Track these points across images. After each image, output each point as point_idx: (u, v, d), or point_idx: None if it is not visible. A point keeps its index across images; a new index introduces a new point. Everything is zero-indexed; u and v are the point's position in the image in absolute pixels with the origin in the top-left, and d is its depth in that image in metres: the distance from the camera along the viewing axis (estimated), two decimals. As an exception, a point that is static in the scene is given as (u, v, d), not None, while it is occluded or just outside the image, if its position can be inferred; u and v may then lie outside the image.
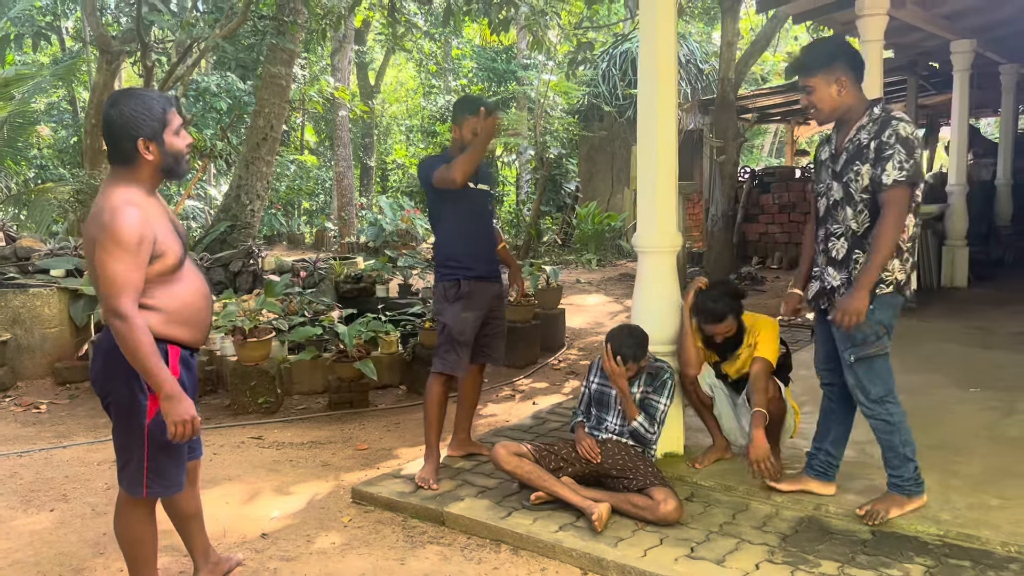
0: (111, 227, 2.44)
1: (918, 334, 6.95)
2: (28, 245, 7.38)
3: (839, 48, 3.27)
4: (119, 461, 2.71)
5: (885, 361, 3.26)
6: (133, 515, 2.77)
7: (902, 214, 3.05)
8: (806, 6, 7.43)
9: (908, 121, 3.10)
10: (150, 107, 2.60)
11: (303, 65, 20.48)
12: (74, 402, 5.87)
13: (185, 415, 2.50)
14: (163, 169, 2.64)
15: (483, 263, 4.14)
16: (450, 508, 3.65)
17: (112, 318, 2.44)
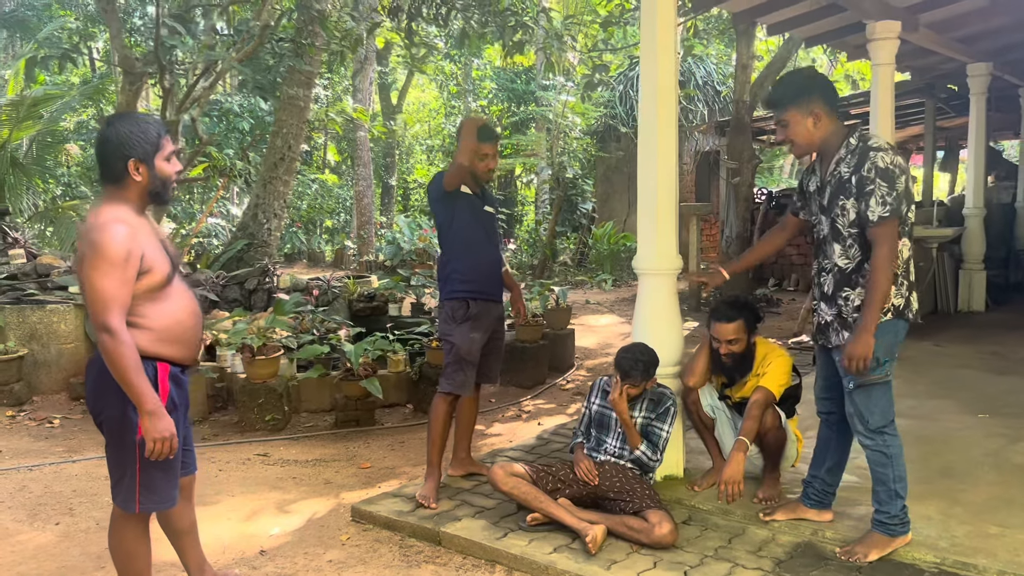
0: (99, 243, 2.49)
1: (931, 359, 6.90)
2: (48, 262, 7.50)
3: (811, 80, 3.25)
4: (112, 477, 2.75)
5: (886, 390, 3.21)
6: (126, 530, 2.81)
7: (893, 248, 3.02)
8: (817, 30, 7.44)
9: (886, 149, 3.05)
10: (145, 130, 2.66)
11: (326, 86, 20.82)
12: (86, 417, 5.92)
13: (164, 432, 2.53)
14: (150, 192, 2.68)
15: (489, 283, 4.18)
16: (446, 528, 3.67)
17: (100, 332, 2.49)
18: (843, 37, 7.53)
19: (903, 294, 3.14)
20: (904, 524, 3.28)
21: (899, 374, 6.03)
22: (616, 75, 16.08)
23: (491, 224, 4.25)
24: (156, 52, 6.68)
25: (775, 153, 22.18)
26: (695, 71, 14.98)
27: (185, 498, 3.00)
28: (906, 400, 5.43)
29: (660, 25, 3.94)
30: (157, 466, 2.66)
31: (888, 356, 3.16)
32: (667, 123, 3.98)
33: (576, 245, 16.16)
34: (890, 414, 3.23)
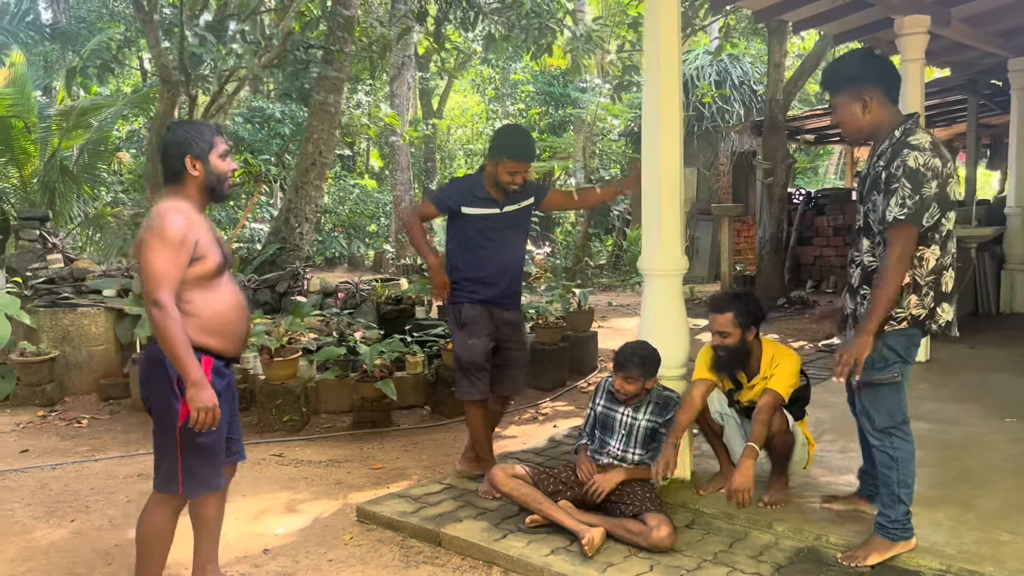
0: (157, 226, 2.72)
1: (963, 361, 6.72)
2: (83, 267, 7.70)
3: (865, 64, 3.07)
4: (156, 460, 2.92)
5: (894, 391, 3.09)
6: (160, 509, 2.95)
7: (904, 254, 2.87)
8: (845, 27, 7.30)
9: (924, 148, 2.87)
10: (200, 131, 2.94)
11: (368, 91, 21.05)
12: (114, 417, 6.09)
13: (207, 402, 2.68)
14: (207, 188, 2.91)
15: (491, 288, 4.10)
16: (446, 529, 3.68)
17: (150, 307, 2.67)
18: (873, 33, 7.35)
19: (926, 305, 2.98)
20: (906, 529, 3.19)
21: (926, 376, 5.99)
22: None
23: (500, 227, 4.11)
24: (180, 59, 6.81)
25: (818, 153, 21.81)
26: (731, 71, 14.82)
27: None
28: (930, 403, 5.31)
29: (663, 26, 3.91)
30: (198, 452, 2.83)
31: (897, 358, 3.04)
32: (670, 122, 3.94)
33: (612, 248, 16.07)
34: (898, 416, 3.12)
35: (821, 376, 6.53)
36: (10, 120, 12.52)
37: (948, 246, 3.01)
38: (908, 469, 3.12)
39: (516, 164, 3.93)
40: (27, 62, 14.69)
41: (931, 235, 2.94)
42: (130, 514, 4.17)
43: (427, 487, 4.26)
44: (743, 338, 3.68)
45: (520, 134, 4.10)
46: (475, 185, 4.07)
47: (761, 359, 3.74)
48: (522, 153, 3.95)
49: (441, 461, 4.98)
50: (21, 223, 8.60)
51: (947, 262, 3.01)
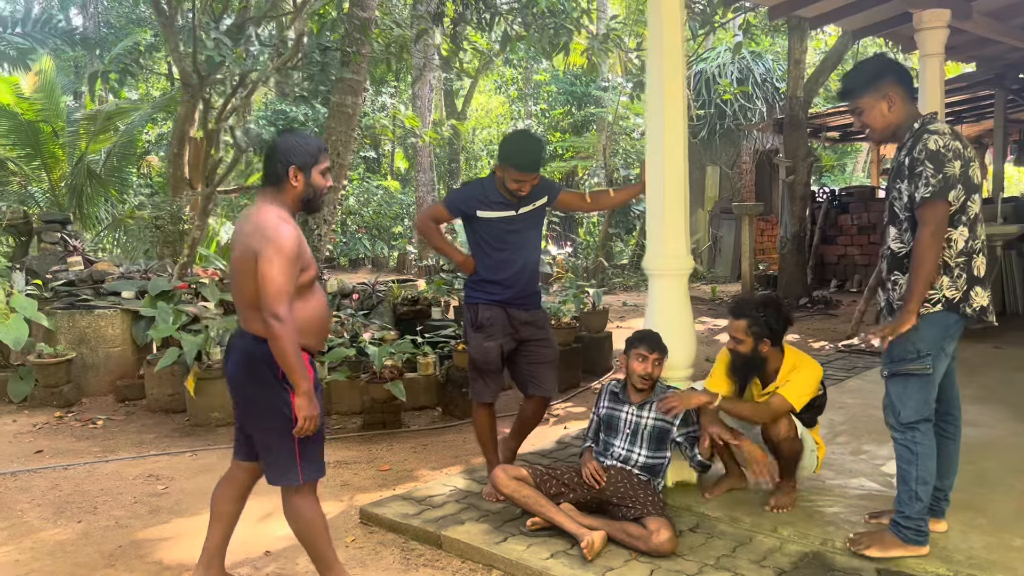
0: (276, 239, 2.79)
1: (988, 361, 6.59)
2: (103, 269, 7.78)
3: (884, 64, 3.18)
4: (266, 460, 3.01)
5: (923, 384, 3.05)
6: (299, 503, 3.04)
7: (937, 231, 2.92)
8: (863, 22, 7.17)
9: (943, 133, 2.96)
10: (307, 144, 3.01)
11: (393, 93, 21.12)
12: (129, 418, 6.14)
13: (314, 412, 2.86)
14: (303, 199, 3.00)
15: (508, 289, 4.04)
16: (447, 532, 3.65)
17: (270, 319, 2.75)
18: (892, 28, 7.21)
19: (959, 287, 3.00)
20: (920, 534, 3.12)
21: (948, 377, 5.84)
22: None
23: (517, 229, 4.05)
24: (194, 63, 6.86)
25: (845, 150, 21.54)
26: (754, 68, 14.67)
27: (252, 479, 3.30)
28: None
29: (666, 22, 3.86)
30: (312, 443, 2.96)
31: (931, 349, 3.02)
32: (673, 119, 3.89)
33: (633, 248, 15.98)
34: (925, 411, 3.07)
35: (838, 376, 6.44)
36: (39, 125, 12.75)
37: (976, 229, 3.04)
38: (928, 466, 3.07)
39: (520, 174, 3.88)
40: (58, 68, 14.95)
41: (958, 217, 2.98)
42: (137, 515, 4.20)
43: (432, 488, 4.24)
44: (755, 348, 3.60)
45: (526, 143, 3.98)
46: (488, 188, 4.02)
47: (780, 368, 3.65)
48: (525, 164, 3.88)
49: (450, 462, 4.96)
50: (43, 226, 8.71)
51: (976, 246, 3.05)
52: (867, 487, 3.91)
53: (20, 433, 5.76)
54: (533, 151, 3.94)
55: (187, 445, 5.40)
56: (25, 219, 8.60)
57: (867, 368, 6.73)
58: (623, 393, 3.86)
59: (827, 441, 4.65)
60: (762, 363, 3.66)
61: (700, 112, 14.66)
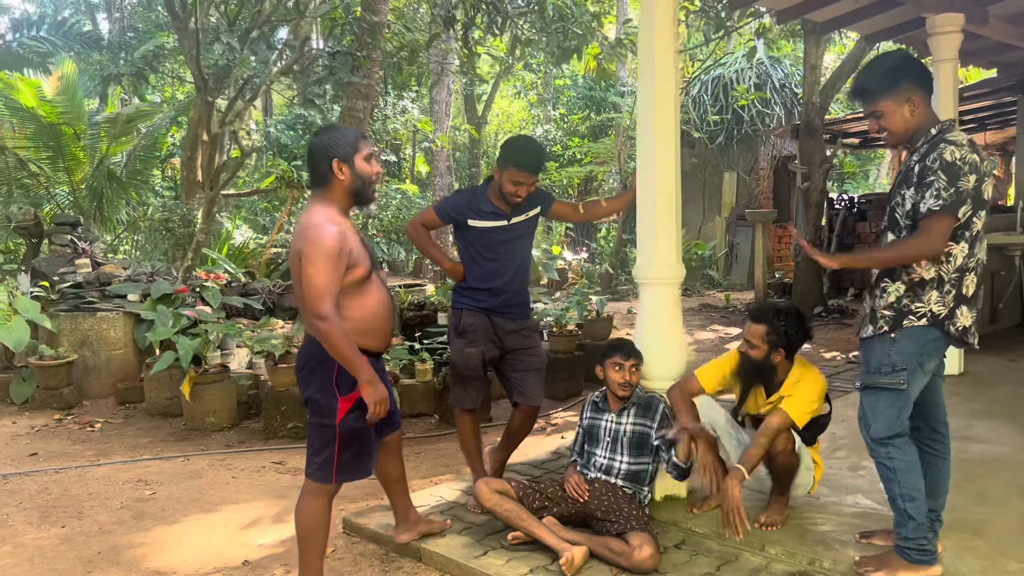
0: (315, 240, 2.79)
1: (1000, 375, 6.40)
2: (110, 271, 7.81)
3: (904, 63, 2.96)
4: (310, 451, 3.06)
5: (896, 399, 2.91)
6: (313, 504, 3.07)
7: (931, 241, 2.78)
8: (877, 27, 7.04)
9: (961, 144, 2.79)
10: (344, 134, 3.01)
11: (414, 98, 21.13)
12: (127, 421, 6.14)
13: (381, 396, 2.87)
14: (353, 191, 2.98)
15: (496, 297, 3.98)
16: (427, 544, 3.58)
17: (315, 319, 2.77)
18: (906, 33, 7.07)
19: (947, 303, 2.86)
20: (925, 553, 2.98)
21: (957, 390, 5.72)
22: (691, 78, 15.74)
23: (517, 238, 4.01)
24: (197, 66, 6.86)
25: (868, 156, 21.25)
26: (772, 73, 14.50)
27: (395, 451, 3.48)
28: (956, 419, 4.98)
29: (658, 26, 3.77)
30: (352, 446, 2.99)
31: (907, 364, 2.88)
32: (664, 125, 3.80)
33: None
34: (897, 427, 2.94)
35: (845, 388, 6.30)
36: (61, 127, 12.88)
37: (975, 248, 2.89)
38: (910, 480, 2.94)
39: (521, 174, 3.80)
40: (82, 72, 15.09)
41: (961, 232, 2.83)
42: (121, 520, 4.17)
43: (418, 499, 4.14)
44: (768, 355, 3.49)
45: (529, 144, 3.97)
46: (480, 198, 3.95)
47: (786, 380, 3.54)
48: (528, 163, 3.81)
49: (441, 471, 4.90)
50: (54, 228, 8.76)
51: (972, 264, 2.90)
52: (862, 505, 3.79)
53: (18, 435, 5.77)
54: (535, 152, 3.92)
55: (180, 449, 5.38)
56: (36, 221, 8.65)
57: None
58: (603, 403, 3.78)
59: (826, 455, 4.53)
60: (771, 372, 3.55)
61: (715, 118, 14.51)
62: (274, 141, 18.10)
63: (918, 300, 2.86)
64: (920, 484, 2.96)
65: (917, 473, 2.96)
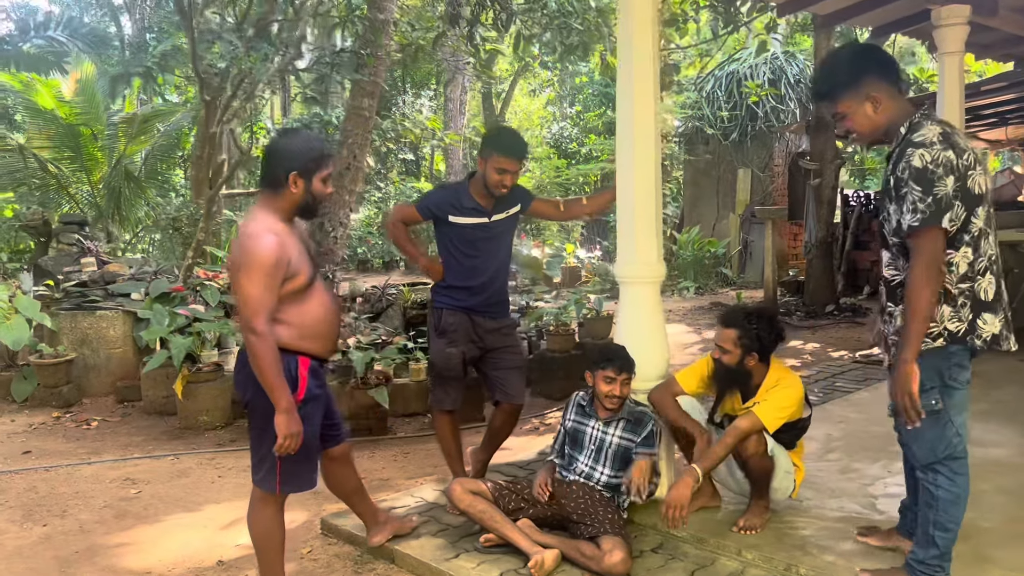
0: (251, 252, 2.74)
1: (1008, 375, 6.21)
2: (114, 270, 7.85)
3: (860, 57, 2.80)
4: (253, 459, 3.01)
5: (935, 421, 2.67)
6: (264, 511, 3.04)
7: (931, 264, 2.55)
8: (882, 19, 6.89)
9: (930, 144, 2.56)
10: (311, 148, 2.92)
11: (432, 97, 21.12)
12: (124, 420, 6.16)
13: (293, 430, 2.78)
14: (301, 205, 2.93)
15: (476, 296, 3.94)
16: (400, 546, 3.54)
17: (247, 334, 2.73)
18: (912, 26, 6.93)
19: (964, 317, 2.64)
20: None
21: (961, 392, 5.56)
22: (705, 74, 15.58)
23: (498, 235, 3.98)
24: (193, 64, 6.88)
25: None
26: (786, 68, 14.30)
27: (345, 462, 3.37)
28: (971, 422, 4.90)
29: (636, 19, 3.69)
30: (297, 453, 2.87)
31: (935, 381, 2.67)
32: (643, 120, 3.71)
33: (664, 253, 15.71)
34: (940, 450, 2.71)
35: (848, 388, 6.20)
36: (79, 128, 13.01)
37: (982, 247, 2.66)
38: (951, 512, 2.74)
39: (506, 160, 3.77)
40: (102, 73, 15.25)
41: (960, 236, 2.62)
42: (103, 520, 4.17)
43: (398, 500, 4.14)
44: (741, 360, 3.40)
45: (512, 132, 4.00)
46: (462, 194, 3.92)
47: (763, 383, 3.45)
48: (512, 149, 3.80)
49: (428, 472, 4.86)
50: (62, 227, 8.84)
51: (981, 266, 2.66)
52: (847, 509, 3.70)
53: (14, 433, 5.81)
54: (518, 139, 3.91)
55: (172, 448, 5.39)
56: (43, 220, 8.74)
57: (880, 380, 6.43)
58: (590, 407, 3.70)
59: (818, 457, 4.45)
60: (746, 377, 3.46)
61: (724, 114, 14.34)
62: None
63: (932, 321, 2.63)
64: (959, 517, 2.77)
65: (961, 506, 2.77)
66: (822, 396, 6.00)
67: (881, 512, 3.64)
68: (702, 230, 14.82)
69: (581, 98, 22.45)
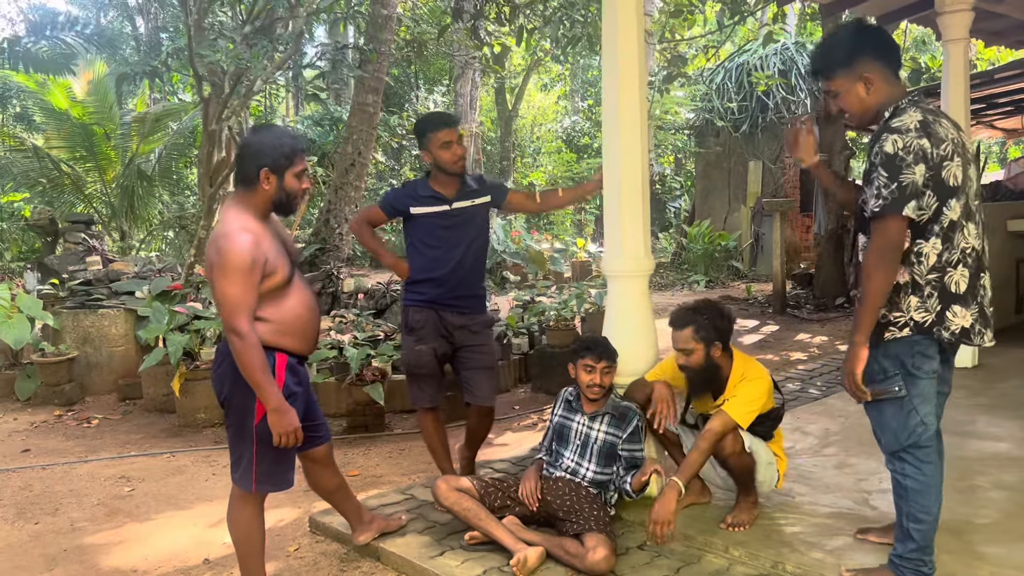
0: (227, 252, 2.70)
1: (1012, 367, 6.12)
2: (119, 268, 7.90)
3: (857, 37, 2.73)
4: (232, 457, 2.97)
5: (899, 409, 2.66)
6: (244, 510, 3.01)
7: (884, 249, 2.53)
8: (885, 7, 6.77)
9: (906, 130, 2.52)
10: (282, 144, 2.86)
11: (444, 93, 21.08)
12: (125, 418, 6.18)
13: (289, 427, 2.77)
14: (275, 202, 2.89)
15: (439, 288, 3.89)
16: (385, 544, 3.52)
17: (230, 334, 2.71)
18: (918, 13, 6.80)
19: (931, 307, 2.60)
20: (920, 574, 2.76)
21: (965, 384, 5.51)
22: (715, 66, 15.45)
23: (461, 224, 3.92)
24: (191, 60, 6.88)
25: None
26: (797, 59, 14.14)
27: (326, 464, 3.34)
28: (959, 413, 4.81)
29: (620, 10, 3.64)
30: (273, 451, 2.85)
31: (899, 369, 2.64)
32: (630, 111, 3.67)
33: (675, 246, 15.61)
34: (904, 438, 2.68)
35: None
36: (92, 127, 13.10)
37: (955, 239, 2.60)
38: (923, 501, 2.70)
39: (441, 132, 3.78)
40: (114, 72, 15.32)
41: (930, 227, 2.58)
42: (94, 518, 4.18)
43: (387, 497, 4.12)
44: (708, 354, 3.35)
45: (432, 112, 3.97)
46: (420, 186, 3.92)
47: (730, 377, 3.40)
48: (441, 120, 3.83)
49: (423, 469, 4.83)
50: (68, 226, 8.90)
51: (954, 258, 2.61)
52: (839, 505, 3.63)
53: (15, 431, 5.84)
54: (442, 113, 3.93)
55: (169, 446, 5.40)
56: (50, 219, 8.79)
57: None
58: (576, 402, 3.66)
59: (814, 452, 4.39)
60: (718, 371, 3.41)
61: (732, 105, 14.20)
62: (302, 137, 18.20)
63: (896, 309, 2.61)
64: (933, 507, 2.72)
65: (931, 495, 2.72)
66: (824, 389, 5.93)
67: (874, 508, 3.58)
68: (713, 223, 14.71)
69: (593, 92, 22.32)
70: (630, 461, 3.49)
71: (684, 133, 16.92)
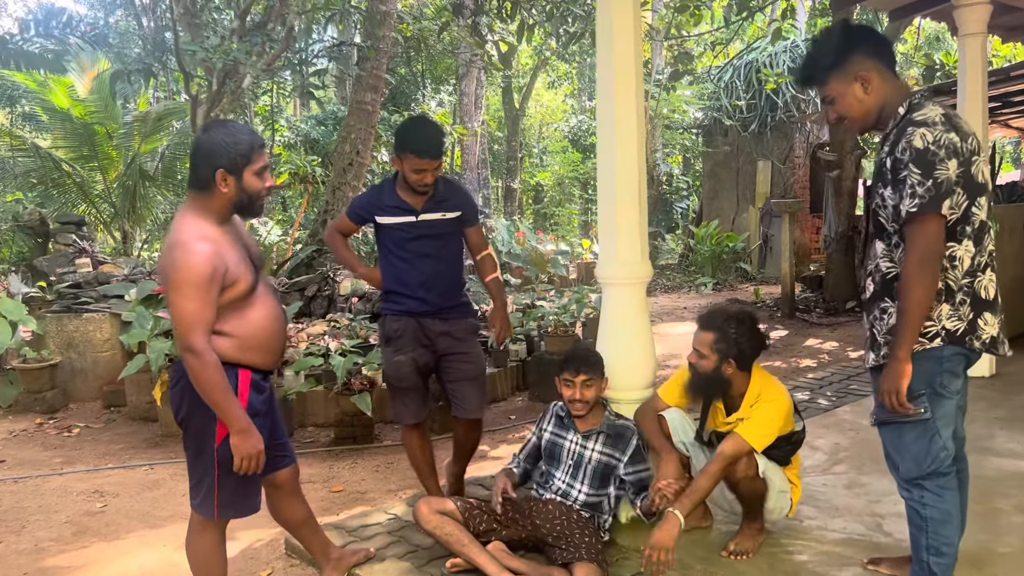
0: (182, 264, 2.44)
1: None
2: (108, 271, 7.71)
3: (847, 36, 2.55)
4: (191, 481, 2.74)
5: (921, 432, 2.45)
6: (203, 538, 2.79)
7: (927, 252, 2.32)
8: (901, 1, 6.52)
9: (933, 123, 2.33)
10: (237, 141, 2.58)
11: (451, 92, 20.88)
12: (107, 426, 5.98)
13: (253, 450, 2.55)
14: (235, 204, 2.62)
15: (413, 300, 3.64)
16: (361, 570, 3.29)
17: (185, 353, 2.47)
18: (932, 7, 6.54)
19: (964, 315, 2.41)
20: None
21: (983, 395, 5.24)
22: (724, 64, 15.17)
23: (429, 235, 3.64)
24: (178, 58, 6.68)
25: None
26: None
27: (291, 491, 3.05)
28: (977, 427, 4.56)
29: (615, 10, 3.40)
30: (235, 476, 2.63)
31: (925, 387, 2.41)
32: (625, 116, 3.43)
33: (682, 247, 15.34)
34: (928, 465, 2.46)
35: (862, 392, 5.86)
36: (94, 127, 12.93)
37: (984, 241, 2.43)
38: (942, 533, 2.48)
39: (420, 161, 3.44)
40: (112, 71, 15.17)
41: (962, 228, 2.39)
42: (61, 537, 3.97)
43: (369, 517, 3.88)
44: (718, 367, 3.08)
45: (423, 127, 3.57)
46: (386, 193, 3.63)
47: (746, 394, 3.14)
48: (423, 148, 3.44)
49: (410, 484, 4.59)
50: (59, 227, 8.71)
51: (983, 261, 2.43)
52: (850, 531, 3.38)
53: (-7, 441, 5.65)
54: (430, 134, 3.51)
55: (148, 457, 5.18)
56: (41, 220, 8.61)
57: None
58: (568, 419, 3.42)
59: (824, 470, 4.14)
60: (723, 386, 3.15)
61: (739, 104, 13.93)
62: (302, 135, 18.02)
63: (928, 319, 2.39)
64: (954, 538, 2.51)
65: (952, 525, 2.50)
66: (834, 400, 5.67)
67: (887, 534, 3.33)
68: (721, 224, 14.44)
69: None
70: (638, 484, 3.25)
71: (692, 132, 16.67)
